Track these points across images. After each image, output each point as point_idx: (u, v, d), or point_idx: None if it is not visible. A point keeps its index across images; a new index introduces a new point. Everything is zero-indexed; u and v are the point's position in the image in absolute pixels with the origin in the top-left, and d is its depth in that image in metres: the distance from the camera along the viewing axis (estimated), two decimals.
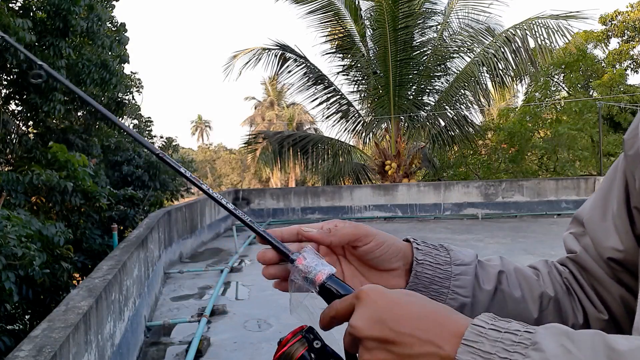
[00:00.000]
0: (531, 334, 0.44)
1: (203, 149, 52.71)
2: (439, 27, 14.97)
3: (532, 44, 13.36)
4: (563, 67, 18.36)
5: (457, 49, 14.86)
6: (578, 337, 0.42)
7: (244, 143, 15.91)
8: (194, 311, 5.14)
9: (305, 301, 0.63)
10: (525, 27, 13.33)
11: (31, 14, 8.42)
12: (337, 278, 0.59)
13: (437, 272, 0.66)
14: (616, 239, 0.64)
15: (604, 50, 19.18)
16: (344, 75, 15.52)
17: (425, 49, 14.88)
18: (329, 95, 15.44)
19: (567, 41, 13.79)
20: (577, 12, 12.64)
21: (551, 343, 0.42)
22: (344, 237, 0.64)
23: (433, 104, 15.36)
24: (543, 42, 13.21)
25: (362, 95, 15.98)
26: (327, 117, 15.74)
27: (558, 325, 0.44)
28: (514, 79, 14.78)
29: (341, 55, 15.34)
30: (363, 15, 14.73)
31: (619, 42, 18.75)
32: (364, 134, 16.04)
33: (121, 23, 10.83)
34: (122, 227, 9.69)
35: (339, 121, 15.74)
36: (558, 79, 19.35)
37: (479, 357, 0.43)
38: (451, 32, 14.94)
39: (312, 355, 0.54)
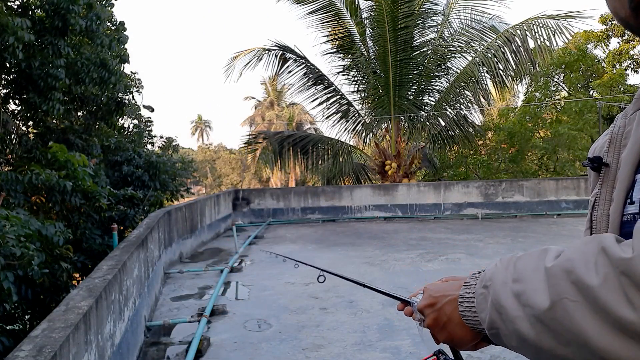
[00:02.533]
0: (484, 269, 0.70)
1: (203, 149, 52.69)
2: (439, 27, 14.97)
3: (531, 44, 13.36)
4: (563, 67, 18.35)
5: (457, 49, 14.86)
6: (507, 256, 0.66)
7: (244, 143, 15.91)
8: (194, 311, 5.14)
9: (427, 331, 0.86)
10: (525, 27, 13.33)
11: (30, 13, 8.41)
12: None
13: None
14: None
15: (604, 50, 19.17)
16: (344, 75, 15.53)
17: (425, 49, 14.87)
18: (329, 95, 15.44)
19: (567, 41, 13.80)
20: (577, 12, 12.64)
21: (490, 266, 0.67)
22: None
23: (433, 104, 15.36)
24: (543, 42, 13.21)
25: (362, 95, 15.97)
26: (327, 117, 15.75)
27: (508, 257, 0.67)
28: (514, 78, 14.78)
29: (341, 55, 15.34)
30: (363, 15, 14.73)
31: (619, 42, 18.74)
32: (364, 134, 16.04)
33: (120, 22, 10.80)
34: (122, 227, 9.68)
35: (339, 121, 15.74)
36: (558, 79, 19.33)
37: (467, 289, 0.70)
38: (451, 32, 14.95)
39: None
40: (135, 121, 14.60)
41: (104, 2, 10.06)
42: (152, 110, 14.31)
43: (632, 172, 0.67)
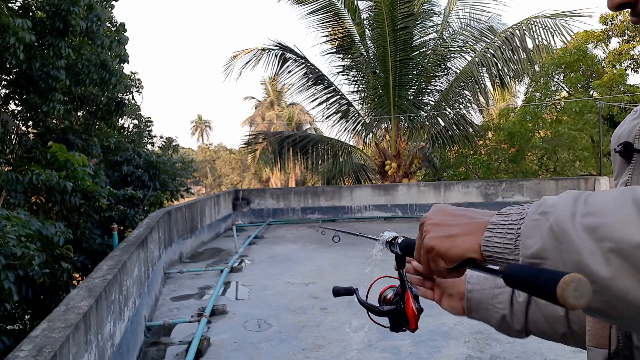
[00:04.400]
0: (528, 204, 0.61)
1: (203, 149, 52.70)
2: (438, 27, 14.98)
3: (530, 44, 13.38)
4: (563, 67, 18.35)
5: (456, 49, 14.87)
6: (570, 192, 0.58)
7: (244, 143, 15.92)
8: (194, 311, 5.14)
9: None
10: (524, 26, 13.34)
11: (30, 14, 8.41)
12: (395, 235, 0.86)
13: (483, 295, 0.92)
14: None
15: (604, 50, 19.18)
16: (343, 75, 15.54)
17: (424, 49, 14.88)
18: (328, 95, 15.45)
19: (566, 40, 13.80)
20: (576, 10, 12.66)
21: (547, 200, 0.57)
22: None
23: (433, 104, 15.37)
24: (541, 42, 13.22)
25: (362, 95, 15.98)
26: (327, 117, 15.76)
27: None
28: (513, 78, 14.79)
29: (341, 55, 15.35)
30: (362, 15, 14.74)
31: (619, 42, 18.74)
32: (364, 134, 16.04)
33: (120, 23, 10.80)
34: (122, 227, 9.69)
35: (338, 121, 15.75)
36: (558, 79, 19.33)
37: (503, 217, 0.61)
38: (451, 32, 14.96)
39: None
40: (135, 121, 14.62)
41: (104, 3, 10.07)
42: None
43: None
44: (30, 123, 9.76)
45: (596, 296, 0.48)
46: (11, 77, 8.90)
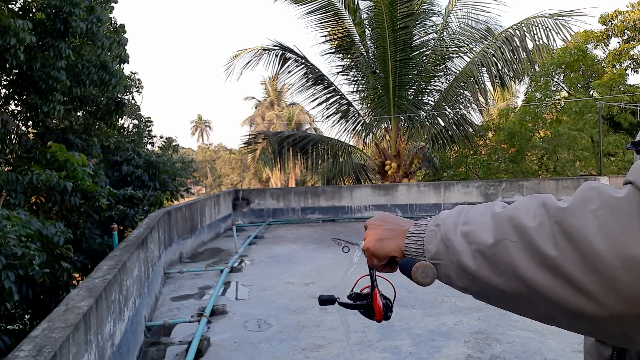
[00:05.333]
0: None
1: (203, 149, 52.71)
2: (438, 27, 14.98)
3: (530, 44, 13.39)
4: (563, 67, 18.36)
5: (456, 49, 14.87)
6: (459, 206, 0.76)
7: (244, 143, 15.92)
8: (194, 311, 5.14)
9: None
10: (524, 26, 13.34)
11: (31, 15, 8.42)
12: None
13: None
14: None
15: (604, 50, 19.19)
16: (343, 75, 15.54)
17: (424, 49, 14.88)
18: (328, 95, 15.45)
19: (566, 40, 13.81)
20: (576, 10, 12.67)
21: (442, 214, 0.76)
22: None
23: (433, 104, 15.37)
24: (541, 41, 13.23)
25: (362, 95, 15.98)
26: (327, 117, 15.76)
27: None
28: (513, 78, 14.79)
29: (341, 55, 15.35)
30: (362, 15, 14.74)
31: (619, 42, 18.75)
32: (364, 134, 16.04)
33: (120, 24, 10.81)
34: (122, 227, 9.69)
35: (338, 121, 15.75)
36: (558, 79, 19.34)
37: (417, 228, 0.79)
38: (450, 32, 14.96)
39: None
40: (135, 121, 14.63)
41: (104, 5, 10.08)
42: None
43: None
44: (30, 123, 9.77)
45: (472, 283, 0.68)
46: (11, 77, 8.90)
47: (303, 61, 14.92)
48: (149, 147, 15.32)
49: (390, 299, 1.00)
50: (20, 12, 8.42)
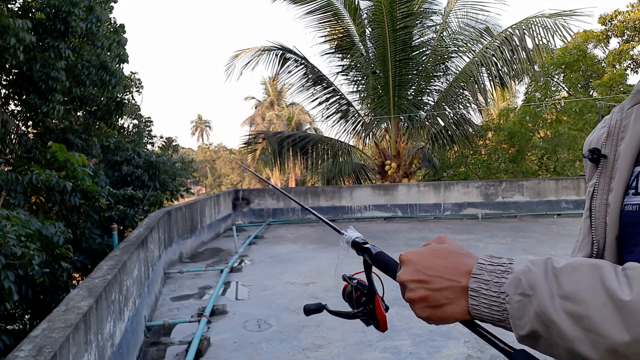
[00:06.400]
0: (512, 264, 0.65)
1: (203, 149, 52.70)
2: (438, 27, 14.98)
3: (530, 43, 13.39)
4: (563, 67, 18.35)
5: (456, 49, 14.87)
6: (537, 260, 0.64)
7: (244, 143, 15.92)
8: (194, 311, 5.14)
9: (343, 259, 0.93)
10: (524, 26, 13.34)
11: (30, 15, 8.41)
12: (363, 239, 0.92)
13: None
14: None
15: (604, 50, 19.17)
16: (343, 75, 15.53)
17: (424, 49, 14.88)
18: (328, 95, 15.44)
19: (566, 39, 13.81)
20: (575, 10, 12.67)
21: (519, 266, 0.64)
22: None
23: (433, 104, 15.37)
24: (541, 41, 13.23)
25: (362, 95, 15.98)
26: (326, 117, 15.75)
27: (532, 257, 0.64)
28: (513, 78, 14.78)
29: (340, 55, 15.34)
30: (362, 15, 14.73)
31: (619, 42, 18.74)
32: (363, 134, 16.04)
33: (120, 24, 10.80)
34: (122, 227, 9.68)
35: (338, 121, 15.75)
36: (558, 79, 19.33)
37: (482, 284, 0.65)
38: (450, 32, 14.95)
39: (352, 288, 0.91)
40: (135, 121, 14.62)
41: (103, 5, 10.07)
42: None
43: (631, 164, 0.74)
44: (30, 123, 9.76)
45: None
46: (11, 77, 8.90)
47: (303, 61, 14.92)
48: (149, 147, 15.31)
49: (386, 303, 0.89)
50: (20, 12, 8.41)
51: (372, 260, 0.86)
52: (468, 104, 15.48)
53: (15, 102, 9.31)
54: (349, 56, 15.10)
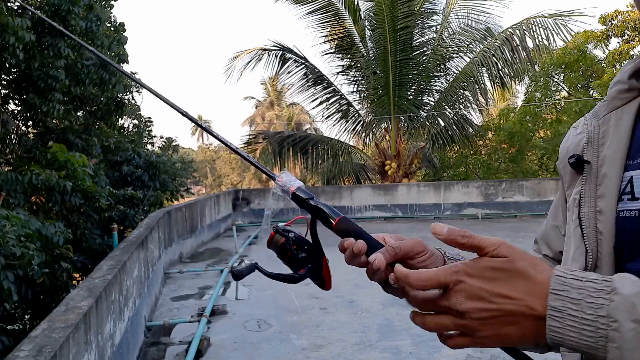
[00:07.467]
0: (608, 281, 0.53)
1: (203, 149, 52.68)
2: (438, 27, 14.98)
3: (530, 43, 13.39)
4: (563, 67, 18.34)
5: (456, 49, 14.87)
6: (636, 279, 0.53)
7: (244, 143, 15.91)
8: (194, 311, 5.14)
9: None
10: (524, 26, 13.34)
11: (30, 14, 8.40)
12: (305, 190, 0.81)
13: None
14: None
15: (604, 50, 19.17)
16: (343, 75, 15.54)
17: (424, 49, 14.88)
18: (328, 95, 15.44)
19: (566, 40, 13.82)
20: (576, 10, 12.69)
21: (629, 287, 0.52)
22: (406, 254, 0.73)
23: (433, 104, 15.37)
24: (541, 42, 13.23)
25: (362, 95, 15.98)
26: (327, 117, 15.76)
27: (628, 275, 0.54)
28: (513, 78, 14.78)
29: (341, 55, 15.35)
30: (363, 15, 14.73)
31: (619, 42, 18.74)
32: (363, 134, 16.04)
33: (120, 23, 10.79)
34: (122, 227, 9.68)
35: (338, 121, 15.75)
36: (558, 79, 19.33)
37: (568, 303, 0.53)
38: (451, 32, 14.95)
39: (291, 242, 0.82)
40: (135, 121, 14.61)
41: (103, 3, 10.06)
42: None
43: (620, 169, 0.73)
44: (30, 123, 9.75)
45: None
46: (11, 77, 8.90)
47: (303, 61, 14.92)
48: (149, 147, 15.30)
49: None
50: (19, 11, 8.41)
51: (334, 229, 0.81)
52: (468, 104, 15.49)
53: (15, 101, 9.31)
54: (349, 56, 15.10)
